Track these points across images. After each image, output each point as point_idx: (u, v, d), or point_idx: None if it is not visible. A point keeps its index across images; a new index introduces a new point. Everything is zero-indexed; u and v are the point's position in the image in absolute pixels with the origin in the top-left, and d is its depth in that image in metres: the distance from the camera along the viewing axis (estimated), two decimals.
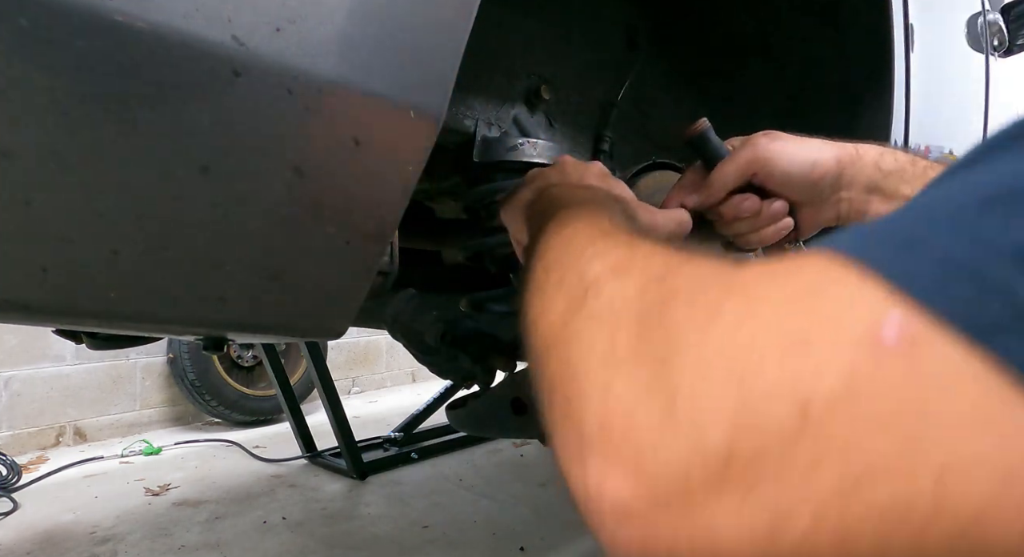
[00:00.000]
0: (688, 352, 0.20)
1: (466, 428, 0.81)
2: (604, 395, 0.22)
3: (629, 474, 0.19)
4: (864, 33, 0.95)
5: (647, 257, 0.27)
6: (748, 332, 0.18)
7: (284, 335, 0.47)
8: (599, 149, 0.91)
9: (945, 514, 0.15)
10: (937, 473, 0.15)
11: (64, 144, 0.33)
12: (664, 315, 0.22)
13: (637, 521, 0.19)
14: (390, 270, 0.58)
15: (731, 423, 0.17)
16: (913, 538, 0.15)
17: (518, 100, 0.78)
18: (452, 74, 0.44)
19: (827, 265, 0.18)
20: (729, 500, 0.17)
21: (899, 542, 0.15)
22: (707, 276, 0.23)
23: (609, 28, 0.93)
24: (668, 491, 0.18)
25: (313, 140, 0.40)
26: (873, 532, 0.15)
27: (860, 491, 0.15)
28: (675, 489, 0.18)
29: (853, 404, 0.16)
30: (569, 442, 0.23)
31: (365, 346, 3.83)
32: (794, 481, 0.16)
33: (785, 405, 0.17)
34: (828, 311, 0.17)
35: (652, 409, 0.20)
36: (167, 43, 0.33)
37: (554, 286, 0.31)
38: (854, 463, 0.15)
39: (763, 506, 0.17)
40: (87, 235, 0.35)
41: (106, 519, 1.80)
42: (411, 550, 1.62)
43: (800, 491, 0.16)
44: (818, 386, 0.16)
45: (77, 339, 0.86)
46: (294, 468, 2.26)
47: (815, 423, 0.16)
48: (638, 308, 0.24)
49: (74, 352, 2.61)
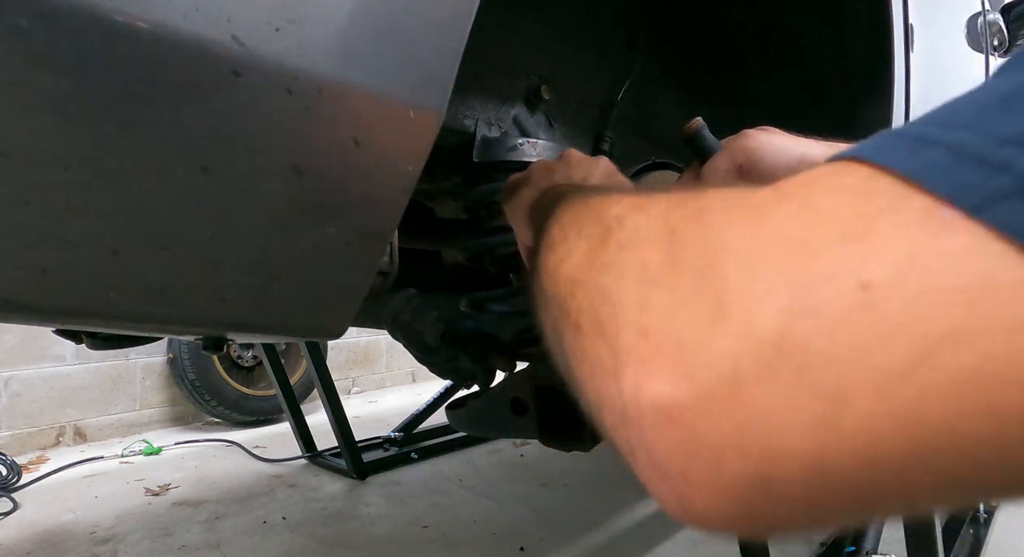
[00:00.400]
0: (735, 252, 0.19)
1: (466, 428, 0.81)
2: (641, 306, 0.21)
3: (670, 373, 0.18)
4: (864, 33, 0.95)
5: (665, 194, 0.27)
6: (799, 225, 0.18)
7: (284, 335, 0.47)
8: (599, 149, 0.91)
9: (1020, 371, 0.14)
10: (1008, 334, 0.14)
11: (64, 144, 0.33)
12: (701, 227, 0.21)
13: (681, 421, 0.18)
14: (390, 270, 0.58)
15: (785, 308, 0.17)
16: (988, 404, 0.15)
17: (518, 100, 0.78)
18: (452, 74, 0.44)
19: (858, 168, 0.18)
20: (782, 387, 0.17)
21: (972, 410, 0.15)
22: (734, 193, 0.22)
23: (609, 28, 0.93)
24: (715, 383, 0.18)
25: (313, 140, 0.40)
26: (944, 405, 0.15)
27: (928, 362, 0.15)
28: (722, 380, 0.17)
29: (918, 278, 0.15)
30: (602, 359, 0.22)
31: (365, 346, 3.83)
32: (854, 360, 0.16)
33: (844, 285, 0.16)
34: (877, 204, 0.17)
35: (697, 309, 0.19)
36: (167, 43, 0.33)
37: (574, 236, 0.29)
38: (921, 335, 0.15)
39: (820, 390, 0.16)
40: (87, 235, 0.35)
41: (106, 519, 1.80)
42: (411, 550, 1.62)
43: (860, 370, 0.16)
44: (879, 264, 0.16)
45: (77, 339, 0.86)
46: (294, 468, 2.26)
47: (878, 299, 0.16)
48: (665, 228, 0.23)
49: (74, 352, 2.61)
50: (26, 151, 0.32)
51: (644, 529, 1.77)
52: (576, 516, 1.84)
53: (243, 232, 0.40)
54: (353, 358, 3.77)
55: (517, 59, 0.79)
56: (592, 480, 2.14)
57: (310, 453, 2.31)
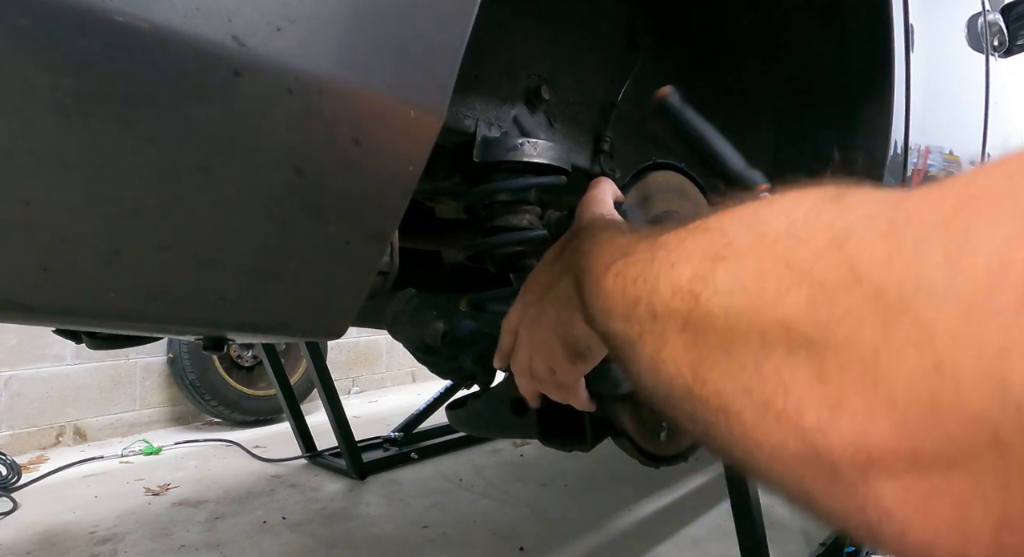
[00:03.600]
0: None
1: (466, 428, 0.81)
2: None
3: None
4: (864, 33, 0.95)
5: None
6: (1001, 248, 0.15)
7: (284, 335, 0.47)
8: (599, 149, 0.91)
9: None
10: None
11: (64, 144, 0.33)
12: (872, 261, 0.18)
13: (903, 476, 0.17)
14: (390, 270, 0.58)
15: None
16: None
17: (518, 100, 0.78)
18: (452, 74, 0.44)
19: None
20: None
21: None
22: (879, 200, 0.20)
23: (609, 28, 0.93)
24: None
25: (313, 140, 0.40)
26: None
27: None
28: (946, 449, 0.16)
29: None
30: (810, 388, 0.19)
31: (365, 346, 3.82)
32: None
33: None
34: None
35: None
36: (167, 43, 0.33)
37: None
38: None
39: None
40: (87, 235, 0.35)
41: (106, 519, 1.80)
42: (411, 550, 1.62)
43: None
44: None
45: (77, 339, 0.86)
46: (294, 468, 2.26)
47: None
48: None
49: (74, 352, 2.61)
50: (26, 150, 0.32)
51: (644, 529, 1.77)
52: (576, 516, 1.84)
53: (243, 232, 0.40)
54: (353, 358, 3.77)
55: (517, 59, 0.79)
56: (592, 480, 2.14)
57: (310, 453, 2.31)
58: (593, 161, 0.91)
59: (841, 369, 0.18)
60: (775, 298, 0.21)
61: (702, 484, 2.11)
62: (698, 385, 0.24)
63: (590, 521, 1.80)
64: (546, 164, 0.70)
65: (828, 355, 0.19)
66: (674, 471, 2.13)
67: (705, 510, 1.89)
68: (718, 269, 0.24)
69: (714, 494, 1.97)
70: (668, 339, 0.26)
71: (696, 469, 2.19)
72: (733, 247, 0.24)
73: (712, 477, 2.14)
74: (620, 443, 0.68)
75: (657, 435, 0.68)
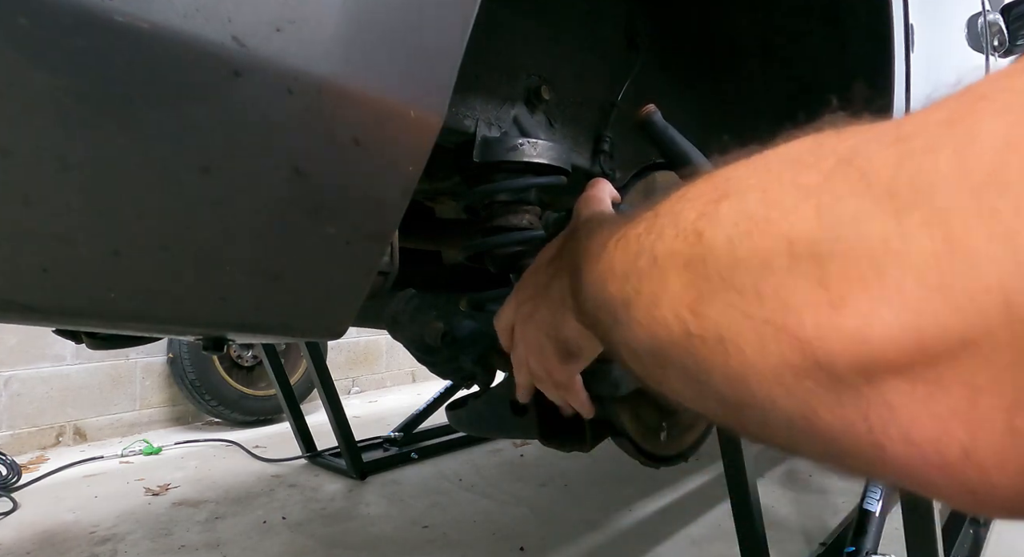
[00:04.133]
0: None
1: (466, 428, 0.81)
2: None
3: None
4: (864, 33, 0.95)
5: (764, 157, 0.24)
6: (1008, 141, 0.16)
7: (284, 335, 0.47)
8: (599, 149, 0.91)
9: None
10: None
11: (64, 144, 0.33)
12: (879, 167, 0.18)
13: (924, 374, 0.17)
14: (390, 270, 0.58)
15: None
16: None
17: (518, 100, 0.78)
18: (452, 74, 0.44)
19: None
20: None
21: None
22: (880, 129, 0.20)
23: (609, 28, 0.93)
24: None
25: (313, 140, 0.40)
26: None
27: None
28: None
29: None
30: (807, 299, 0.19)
31: (365, 346, 3.83)
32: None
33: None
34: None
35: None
36: (167, 43, 0.33)
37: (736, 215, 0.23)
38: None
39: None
40: (87, 235, 0.35)
41: (106, 519, 1.80)
42: (411, 550, 1.62)
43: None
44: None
45: (77, 339, 0.86)
46: (294, 468, 2.26)
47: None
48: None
49: (74, 352, 2.61)
50: (26, 150, 0.32)
51: (644, 529, 1.77)
52: (576, 516, 1.84)
53: (243, 232, 0.40)
54: (353, 358, 3.77)
55: (517, 59, 0.79)
56: (592, 480, 2.14)
57: (310, 453, 2.31)
58: (593, 161, 0.91)
59: (845, 269, 0.18)
60: (780, 216, 0.21)
61: (702, 484, 2.11)
62: (696, 322, 0.23)
63: (590, 521, 1.81)
64: (546, 164, 0.70)
65: (833, 259, 0.19)
66: (674, 471, 2.13)
67: (705, 510, 1.89)
68: (722, 205, 0.24)
69: (714, 494, 1.97)
70: (668, 282, 0.25)
71: (696, 469, 2.19)
72: (737, 184, 0.24)
73: (712, 477, 2.14)
74: (620, 443, 0.68)
75: (657, 435, 0.68)
